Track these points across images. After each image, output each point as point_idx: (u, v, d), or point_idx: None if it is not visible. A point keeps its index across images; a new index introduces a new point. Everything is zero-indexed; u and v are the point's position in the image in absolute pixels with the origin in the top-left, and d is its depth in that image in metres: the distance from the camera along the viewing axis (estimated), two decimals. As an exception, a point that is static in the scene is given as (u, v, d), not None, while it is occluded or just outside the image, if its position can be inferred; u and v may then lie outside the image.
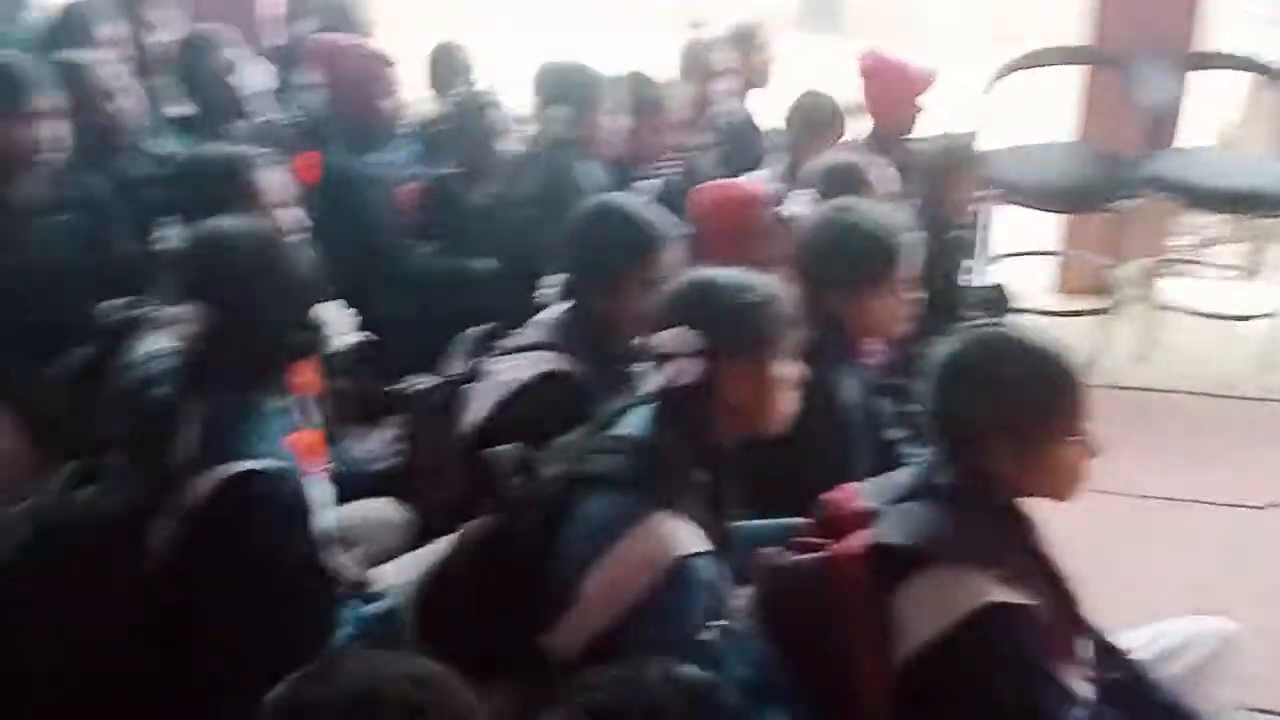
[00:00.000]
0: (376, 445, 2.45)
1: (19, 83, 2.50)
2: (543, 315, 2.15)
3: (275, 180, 2.25)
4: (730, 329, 1.56)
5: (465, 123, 3.09)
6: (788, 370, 1.62)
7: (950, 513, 1.46)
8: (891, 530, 1.46)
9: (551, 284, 2.11)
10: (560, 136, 2.79)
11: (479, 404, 2.09)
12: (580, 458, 1.56)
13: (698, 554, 1.47)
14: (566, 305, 2.08)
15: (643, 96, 3.11)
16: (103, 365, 2.14)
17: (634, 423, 1.60)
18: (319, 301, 1.69)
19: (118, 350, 2.09)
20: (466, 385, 2.16)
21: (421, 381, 2.52)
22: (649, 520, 1.46)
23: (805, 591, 1.50)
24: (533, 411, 1.97)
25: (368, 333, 1.89)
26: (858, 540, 1.48)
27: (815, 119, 3.15)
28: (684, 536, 1.47)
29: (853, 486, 1.63)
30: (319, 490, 1.70)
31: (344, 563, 1.84)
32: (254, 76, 3.19)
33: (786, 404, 1.63)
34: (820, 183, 2.63)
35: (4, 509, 1.74)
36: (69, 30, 3.19)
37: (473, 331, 2.36)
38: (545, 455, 1.64)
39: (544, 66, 2.99)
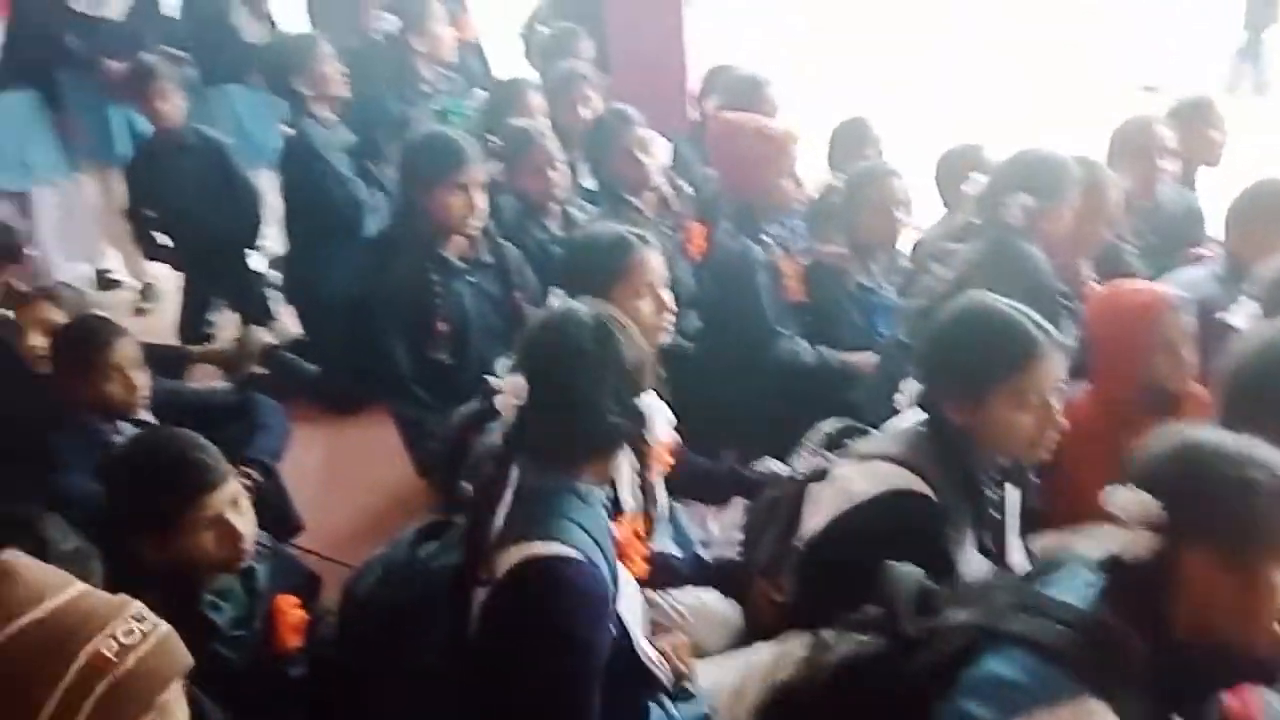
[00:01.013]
0: (717, 530, 2.41)
1: (458, 154, 2.81)
2: (899, 422, 1.98)
3: (656, 260, 2.30)
4: (1208, 510, 1.26)
5: (857, 199, 3.01)
6: None
7: None
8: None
9: (911, 388, 1.92)
10: (1011, 224, 2.55)
11: (821, 510, 1.96)
12: (999, 610, 1.34)
13: None
14: (924, 415, 1.89)
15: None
16: (483, 422, 2.32)
17: (1069, 585, 1.36)
18: (646, 389, 1.64)
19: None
20: (812, 484, 2.05)
21: (771, 468, 2.45)
22: (1075, 703, 1.23)
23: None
24: (875, 530, 1.81)
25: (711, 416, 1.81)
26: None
27: (1268, 212, 2.66)
28: None
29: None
30: (631, 579, 1.67)
31: (658, 655, 1.79)
32: (658, 152, 3.33)
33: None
34: (1269, 292, 2.20)
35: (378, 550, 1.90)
36: (508, 103, 3.56)
37: (827, 425, 2.24)
38: (956, 594, 1.46)
39: (1021, 153, 2.72)
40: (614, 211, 3.15)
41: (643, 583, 1.86)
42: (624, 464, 1.64)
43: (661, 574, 2.06)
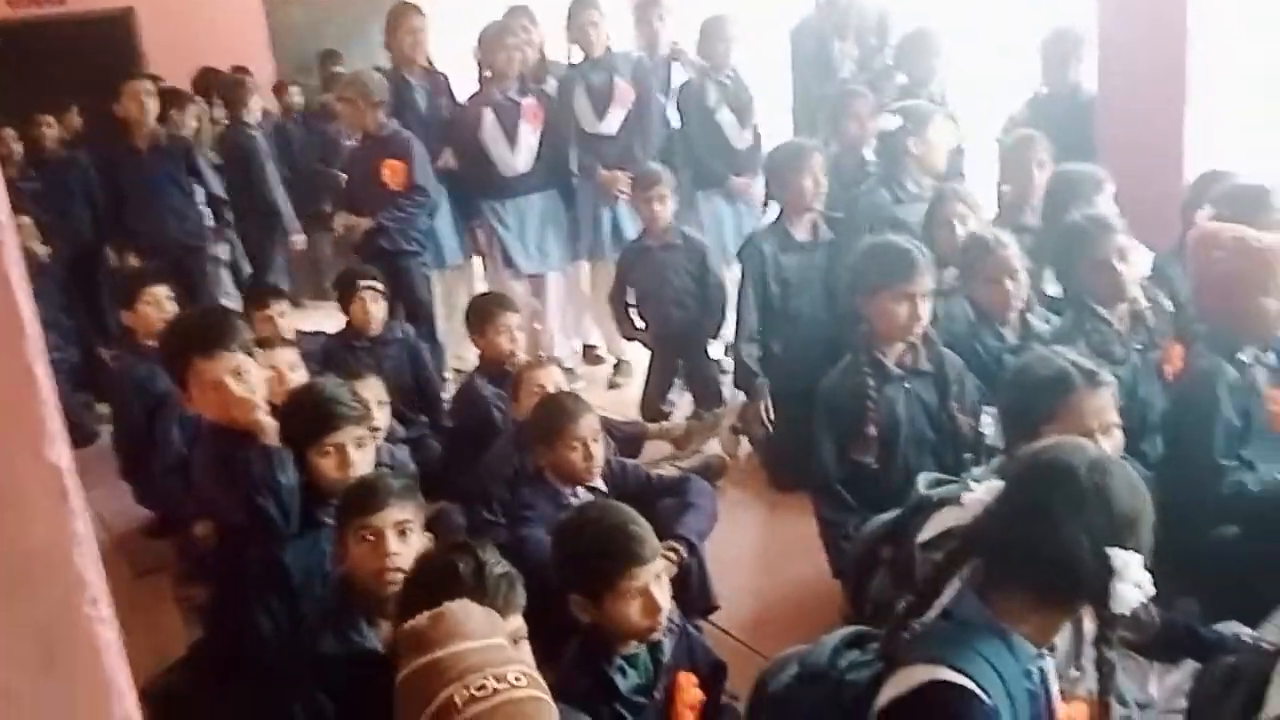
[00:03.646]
0: (1157, 693, 2.11)
1: (908, 264, 2.81)
2: None
3: (1099, 402, 2.12)
4: None
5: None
6: None
7: None
8: None
9: None
10: None
11: (1293, 689, 1.66)
12: None
13: None
14: None
15: None
16: (902, 532, 2.27)
17: None
18: (1131, 548, 1.45)
19: (918, 522, 2.18)
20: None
21: (1235, 632, 2.11)
22: None
23: None
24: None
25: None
26: None
27: None
28: None
29: None
30: None
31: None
32: (1138, 262, 3.07)
33: None
34: None
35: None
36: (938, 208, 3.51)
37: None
38: None
39: None
40: (1079, 324, 2.95)
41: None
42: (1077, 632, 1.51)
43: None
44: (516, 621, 1.76)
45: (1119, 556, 1.43)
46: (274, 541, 2.41)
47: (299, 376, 3.12)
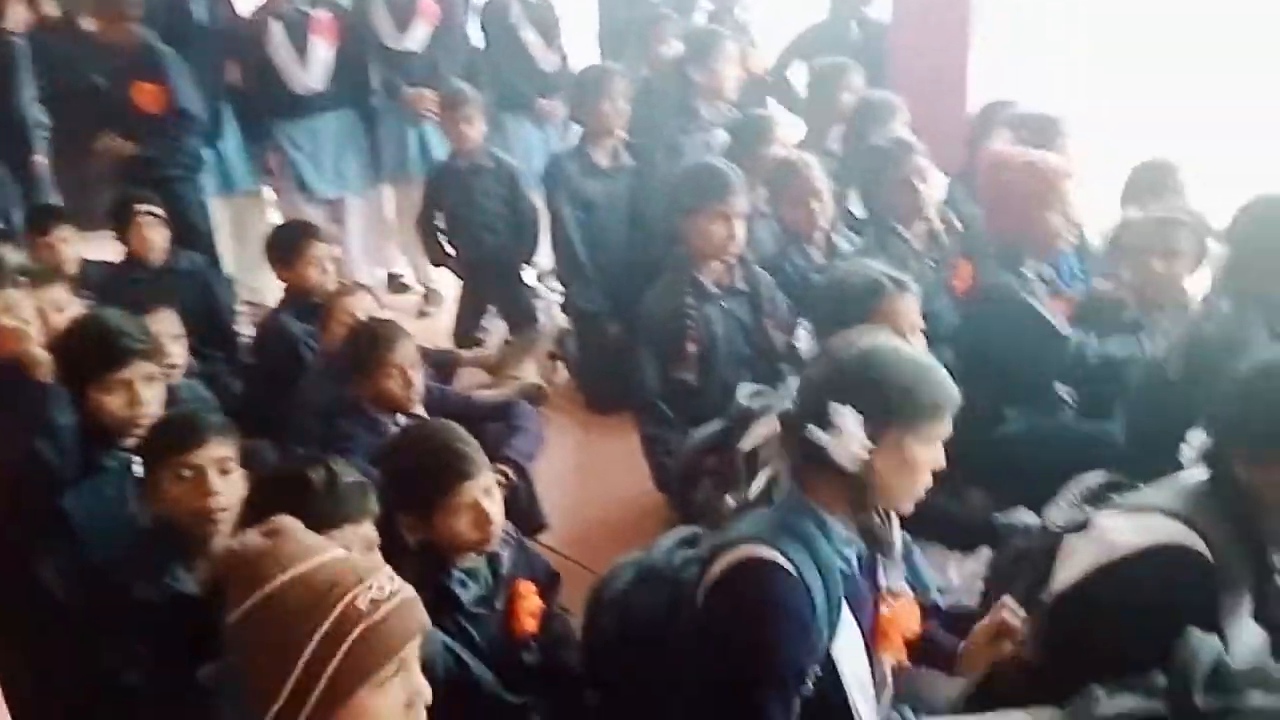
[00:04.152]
0: (957, 578, 2.30)
1: (723, 184, 2.87)
2: (1177, 478, 1.82)
3: (908, 305, 2.25)
4: None
5: (1142, 243, 2.79)
6: None
7: None
8: None
9: (1193, 445, 1.77)
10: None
11: (1076, 562, 1.84)
12: None
13: None
14: (1206, 472, 1.73)
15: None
16: (725, 442, 2.35)
17: None
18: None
19: (740, 432, 2.27)
20: (1068, 536, 1.92)
21: (1023, 519, 2.33)
22: None
23: None
24: (1140, 585, 1.68)
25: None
26: None
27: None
28: None
29: None
30: (854, 629, 1.62)
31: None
32: (935, 184, 3.26)
33: None
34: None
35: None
36: (755, 136, 3.59)
37: (1090, 477, 2.09)
38: (1263, 676, 1.36)
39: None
40: (880, 242, 3.11)
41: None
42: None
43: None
44: (370, 530, 1.72)
45: (836, 410, 1.52)
46: (52, 487, 2.23)
47: (68, 316, 2.86)
